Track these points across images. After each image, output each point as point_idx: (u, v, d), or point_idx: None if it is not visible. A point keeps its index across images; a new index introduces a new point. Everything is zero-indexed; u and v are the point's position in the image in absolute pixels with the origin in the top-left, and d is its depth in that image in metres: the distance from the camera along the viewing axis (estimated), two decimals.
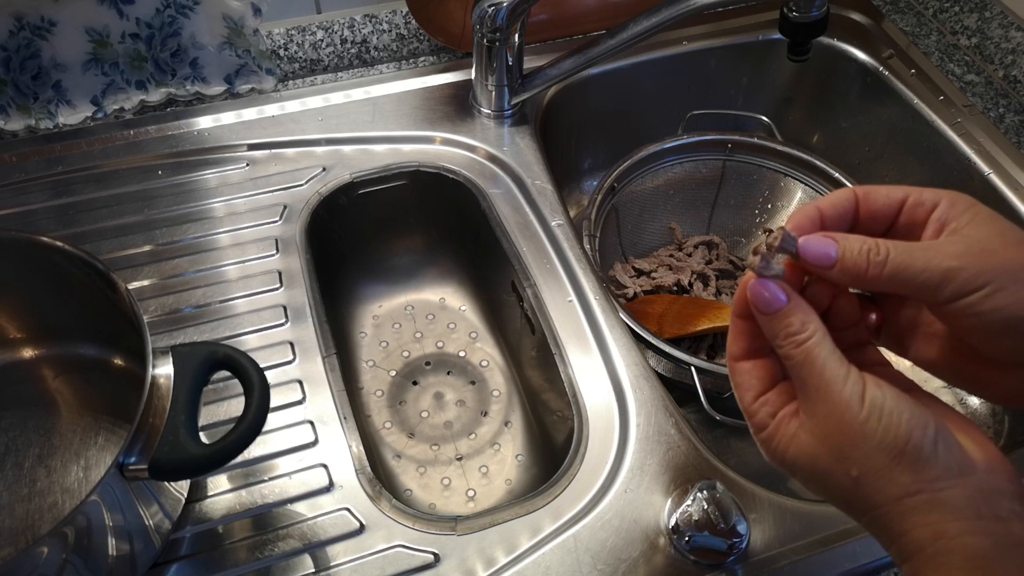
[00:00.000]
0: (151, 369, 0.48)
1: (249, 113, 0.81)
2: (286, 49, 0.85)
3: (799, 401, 0.34)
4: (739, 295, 0.35)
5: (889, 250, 0.32)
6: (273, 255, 0.70)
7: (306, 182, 0.76)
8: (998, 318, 0.30)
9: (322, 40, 0.85)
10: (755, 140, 0.84)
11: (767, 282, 0.33)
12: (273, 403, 0.53)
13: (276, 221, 0.73)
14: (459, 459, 0.74)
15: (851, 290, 0.35)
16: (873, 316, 0.37)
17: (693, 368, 0.66)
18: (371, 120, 0.81)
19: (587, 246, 0.73)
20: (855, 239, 0.33)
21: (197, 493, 0.56)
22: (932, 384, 0.82)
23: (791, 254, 0.33)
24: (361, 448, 0.59)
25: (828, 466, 0.33)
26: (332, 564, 0.53)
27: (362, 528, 0.55)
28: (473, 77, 0.80)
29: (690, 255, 0.88)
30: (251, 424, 0.48)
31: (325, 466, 0.58)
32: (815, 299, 0.34)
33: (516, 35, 0.75)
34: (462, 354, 0.81)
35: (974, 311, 0.31)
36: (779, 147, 0.84)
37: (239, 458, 0.49)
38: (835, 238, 0.33)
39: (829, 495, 0.34)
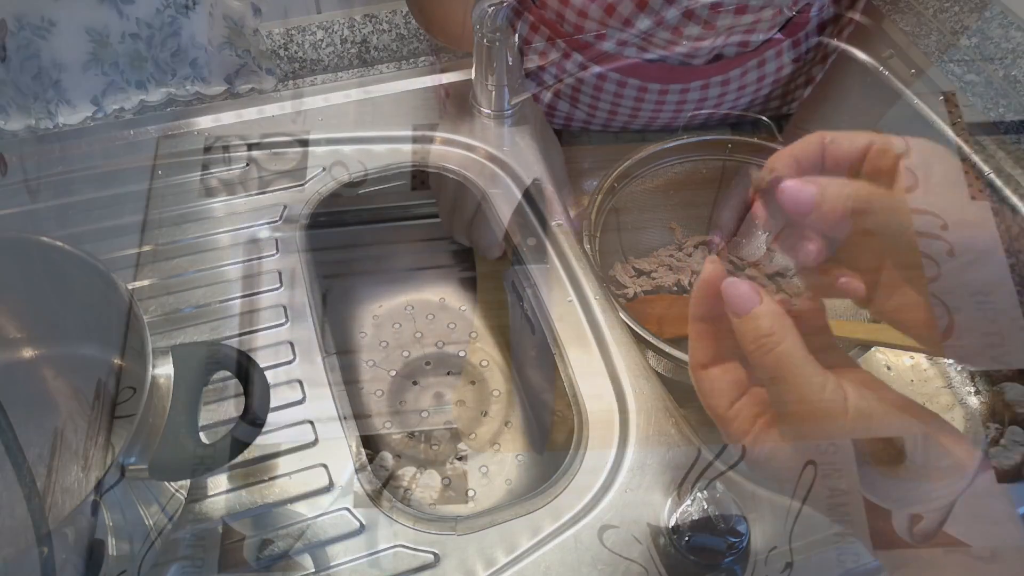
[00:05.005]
0: (151, 369, 0.48)
1: (249, 113, 0.81)
2: (286, 49, 0.85)
3: (776, 409, 0.33)
4: (699, 297, 0.32)
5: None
6: (273, 255, 0.70)
7: (306, 182, 0.76)
8: None
9: (322, 40, 0.85)
10: (755, 140, 0.84)
11: (741, 281, 0.31)
12: (273, 403, 0.53)
13: (276, 221, 0.73)
14: (459, 459, 0.74)
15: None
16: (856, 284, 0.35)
17: None
18: (371, 120, 0.81)
19: (587, 246, 0.73)
20: (834, 183, 0.32)
21: (197, 493, 0.56)
22: (932, 384, 0.81)
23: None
24: (361, 448, 0.59)
25: None
26: (332, 564, 0.53)
27: (362, 528, 0.55)
28: (473, 77, 0.80)
29: (690, 255, 0.87)
30: (251, 424, 0.48)
31: (325, 466, 0.58)
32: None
33: (516, 35, 0.75)
34: (462, 354, 0.81)
35: None
36: (779, 147, 0.83)
37: (239, 458, 0.49)
38: (816, 183, 0.32)
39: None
